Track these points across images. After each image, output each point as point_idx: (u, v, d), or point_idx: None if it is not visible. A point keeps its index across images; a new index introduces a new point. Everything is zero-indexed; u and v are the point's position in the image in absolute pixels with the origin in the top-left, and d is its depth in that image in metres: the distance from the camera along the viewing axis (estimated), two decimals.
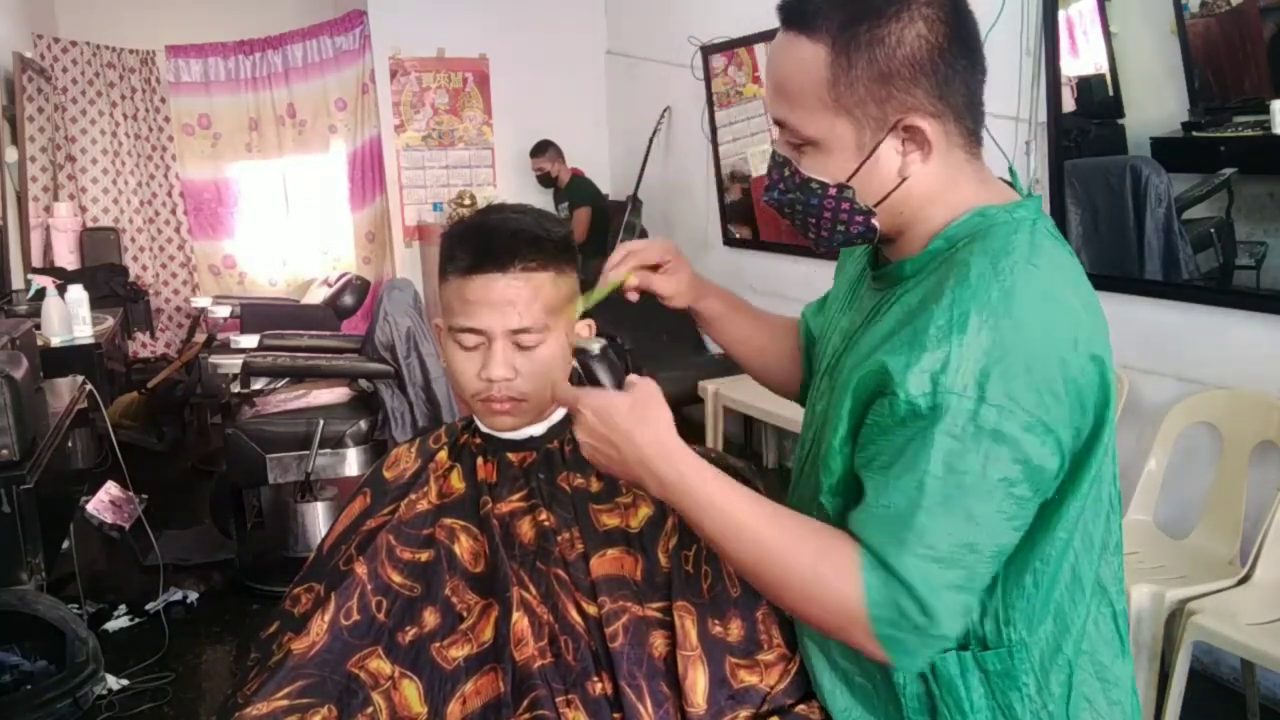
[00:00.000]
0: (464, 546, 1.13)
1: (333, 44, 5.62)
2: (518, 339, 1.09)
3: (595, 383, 1.05)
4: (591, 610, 1.07)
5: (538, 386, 1.12)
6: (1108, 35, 2.68)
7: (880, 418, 0.87)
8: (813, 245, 1.02)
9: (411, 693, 1.06)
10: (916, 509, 0.83)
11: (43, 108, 4.98)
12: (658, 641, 1.05)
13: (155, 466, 4.15)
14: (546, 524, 1.12)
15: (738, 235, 4.68)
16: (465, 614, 1.10)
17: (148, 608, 3.12)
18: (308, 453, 3.29)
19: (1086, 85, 2.76)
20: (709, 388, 4.16)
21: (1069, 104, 2.78)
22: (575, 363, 1.08)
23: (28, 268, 4.39)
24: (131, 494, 2.96)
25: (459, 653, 1.08)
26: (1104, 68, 2.71)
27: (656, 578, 1.09)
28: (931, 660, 0.91)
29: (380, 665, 1.08)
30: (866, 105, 0.89)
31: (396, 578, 1.13)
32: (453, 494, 1.18)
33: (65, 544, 2.83)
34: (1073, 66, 2.77)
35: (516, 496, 1.15)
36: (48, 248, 4.84)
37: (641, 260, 1.21)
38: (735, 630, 1.07)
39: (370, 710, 1.06)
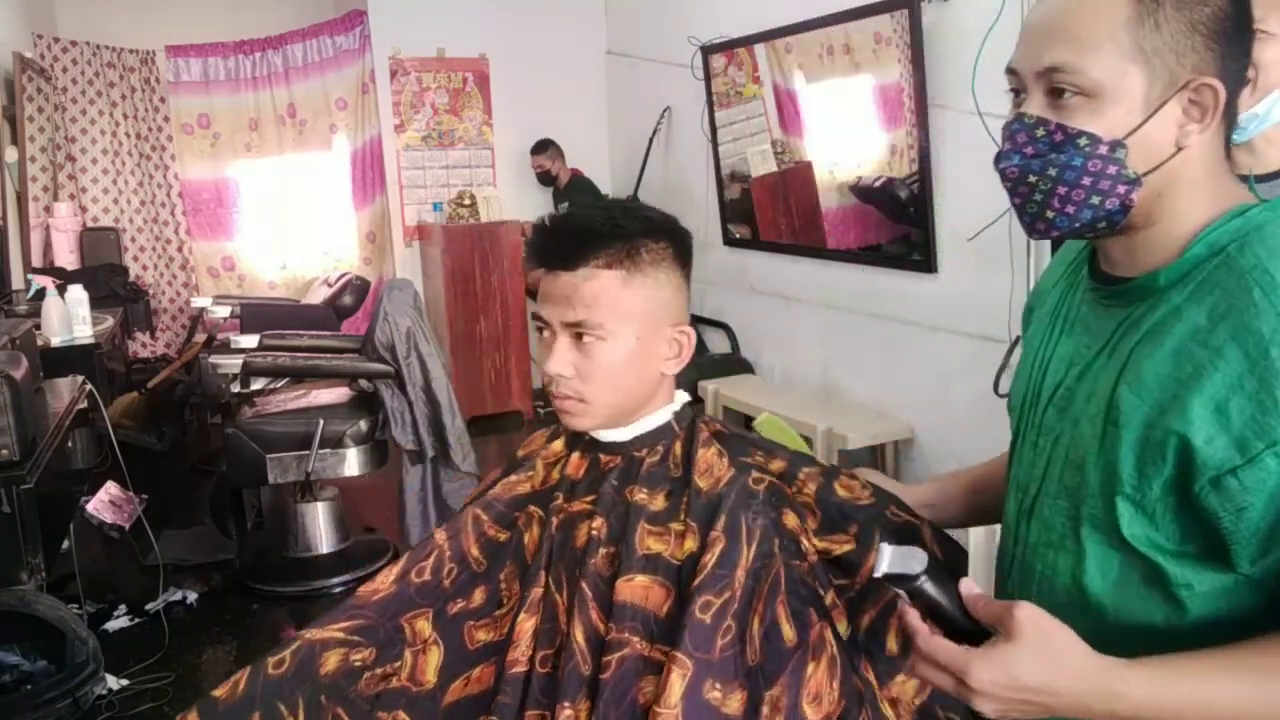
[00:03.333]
0: (532, 536, 1.14)
1: (333, 44, 5.61)
2: (576, 334, 1.08)
3: (936, 614, 0.85)
4: (604, 632, 1.04)
5: (598, 390, 1.08)
6: None
7: (1262, 481, 0.77)
8: (1039, 229, 0.90)
9: (433, 661, 1.10)
10: None
11: (43, 108, 4.97)
12: (648, 687, 0.98)
13: (155, 466, 4.16)
14: (596, 534, 1.09)
15: (738, 235, 4.68)
16: (505, 601, 1.11)
17: (148, 608, 3.13)
18: (308, 453, 3.30)
19: None
20: (709, 387, 4.16)
21: None
22: (900, 593, 0.87)
23: (28, 268, 4.38)
24: (131, 494, 2.96)
25: (484, 636, 1.10)
26: None
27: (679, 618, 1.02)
28: None
29: (423, 627, 1.13)
30: (1165, 55, 0.82)
31: (474, 550, 1.16)
32: (549, 483, 1.18)
33: (65, 544, 2.82)
34: None
35: (589, 498, 1.13)
36: (48, 248, 4.83)
37: None
38: (736, 702, 0.96)
39: (397, 665, 1.11)
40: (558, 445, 1.21)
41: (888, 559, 0.85)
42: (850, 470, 1.15)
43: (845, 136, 3.88)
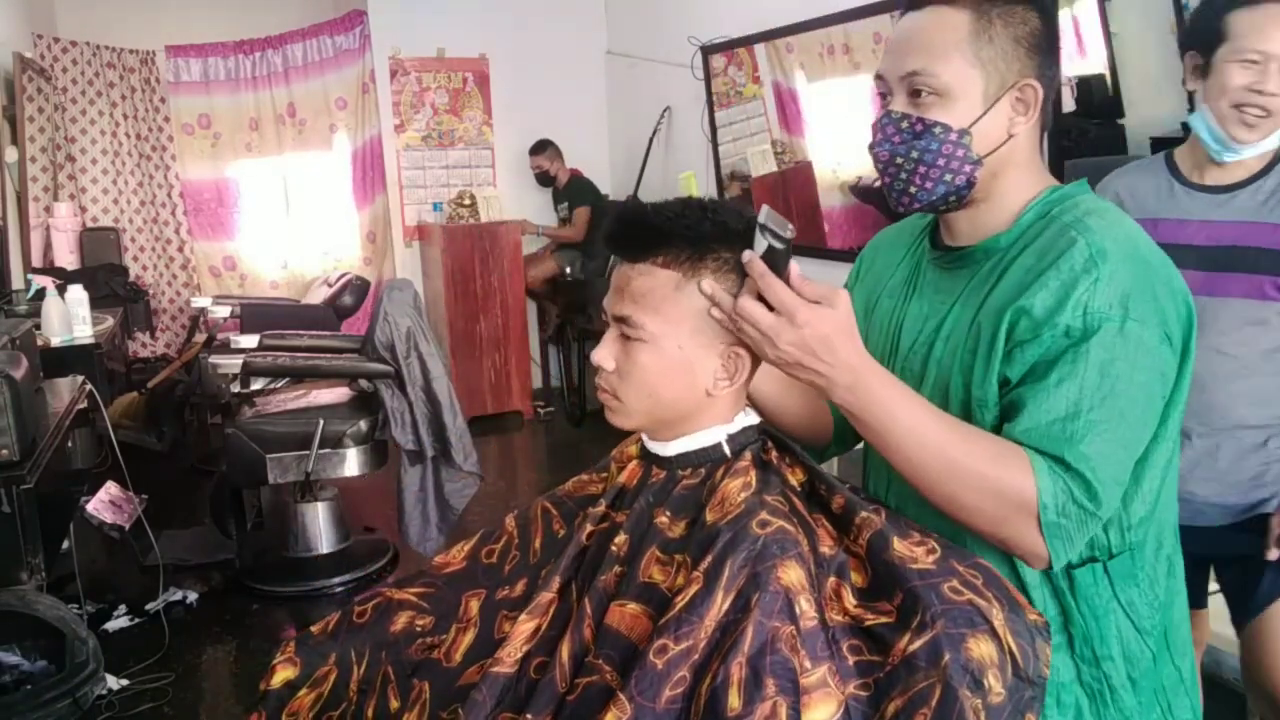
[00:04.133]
0: (574, 539, 1.12)
1: (333, 44, 5.61)
2: (622, 329, 1.05)
3: (775, 268, 0.97)
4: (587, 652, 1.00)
5: (631, 393, 1.06)
6: (1108, 35, 2.68)
7: (1034, 352, 1.01)
8: (903, 204, 1.11)
9: (465, 642, 1.12)
10: (1078, 411, 0.97)
11: (43, 108, 4.97)
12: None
13: (155, 466, 4.16)
14: (616, 550, 1.05)
15: None
16: (535, 597, 1.09)
17: (148, 608, 3.13)
18: (308, 453, 3.29)
19: (1086, 85, 2.76)
20: None
21: (1069, 104, 2.78)
22: (761, 236, 0.96)
23: (28, 268, 4.38)
24: (131, 494, 2.96)
25: (507, 629, 1.09)
26: (1104, 68, 2.70)
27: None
28: (1078, 554, 1.02)
29: (474, 607, 1.15)
30: (997, 62, 1.05)
31: (537, 543, 1.17)
32: (611, 489, 1.14)
33: (65, 544, 2.82)
34: (1073, 66, 2.77)
35: (628, 510, 1.09)
36: (48, 248, 4.83)
37: None
38: None
39: (444, 638, 1.14)
40: (633, 449, 1.17)
41: (765, 211, 0.97)
42: (921, 527, 1.02)
43: (845, 136, 3.88)
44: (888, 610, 0.93)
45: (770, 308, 0.97)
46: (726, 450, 1.07)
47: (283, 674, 1.16)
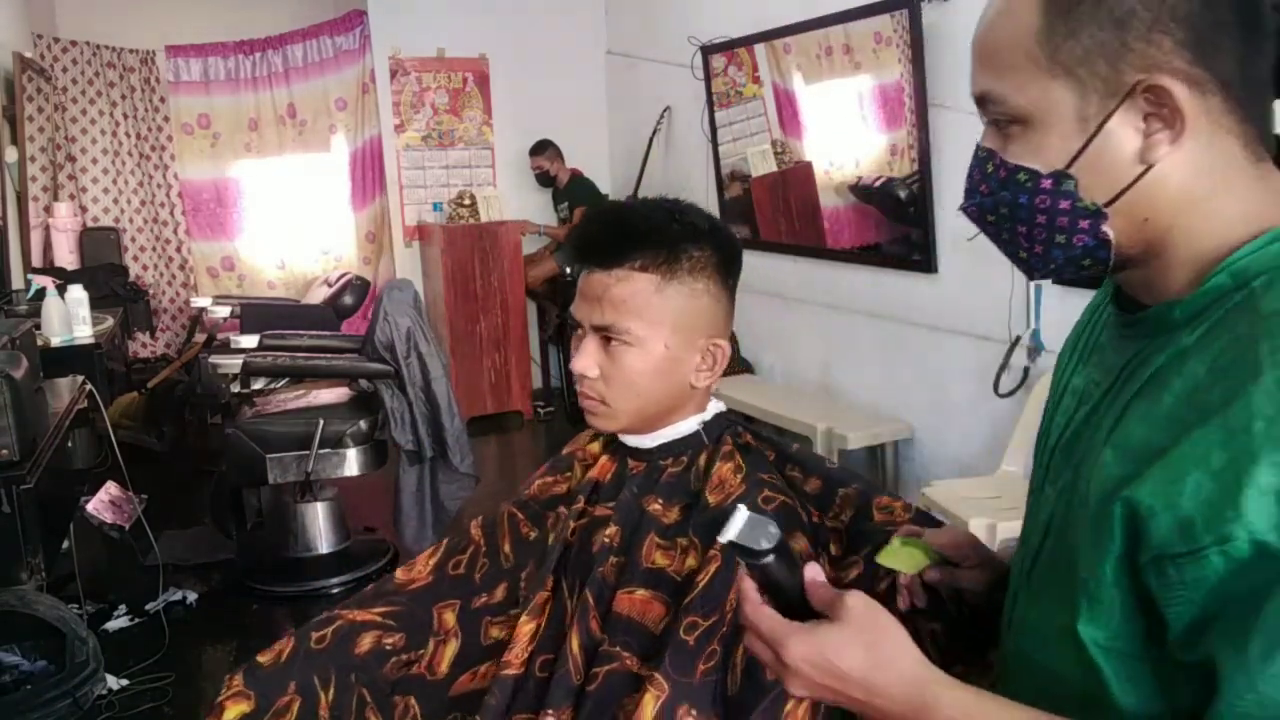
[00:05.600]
0: (558, 536, 1.13)
1: (333, 44, 5.61)
2: (604, 337, 1.06)
3: (777, 594, 0.77)
4: (600, 642, 1.02)
5: (620, 395, 1.07)
6: None
7: (1206, 568, 0.61)
8: (1024, 270, 0.78)
9: (449, 652, 1.13)
10: None
11: (43, 108, 4.97)
12: (631, 705, 0.95)
13: (155, 466, 4.15)
14: (608, 541, 1.07)
15: (737, 234, 4.67)
16: (522, 600, 1.11)
17: (148, 608, 3.13)
18: (308, 453, 3.29)
19: None
20: None
21: None
22: (741, 564, 0.77)
23: (28, 268, 4.38)
24: (131, 494, 2.96)
25: (496, 633, 1.11)
26: None
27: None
28: None
29: (449, 618, 1.16)
30: (1093, 60, 0.67)
31: (506, 547, 1.18)
32: (583, 485, 1.16)
33: (65, 544, 2.82)
34: None
35: (610, 504, 1.11)
36: (48, 248, 4.83)
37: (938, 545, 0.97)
38: None
39: (422, 652, 1.14)
40: (595, 447, 1.20)
41: (737, 526, 0.74)
42: (897, 497, 1.07)
43: (845, 136, 3.88)
44: (855, 562, 1.03)
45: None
46: (704, 438, 1.11)
47: (235, 709, 1.11)
